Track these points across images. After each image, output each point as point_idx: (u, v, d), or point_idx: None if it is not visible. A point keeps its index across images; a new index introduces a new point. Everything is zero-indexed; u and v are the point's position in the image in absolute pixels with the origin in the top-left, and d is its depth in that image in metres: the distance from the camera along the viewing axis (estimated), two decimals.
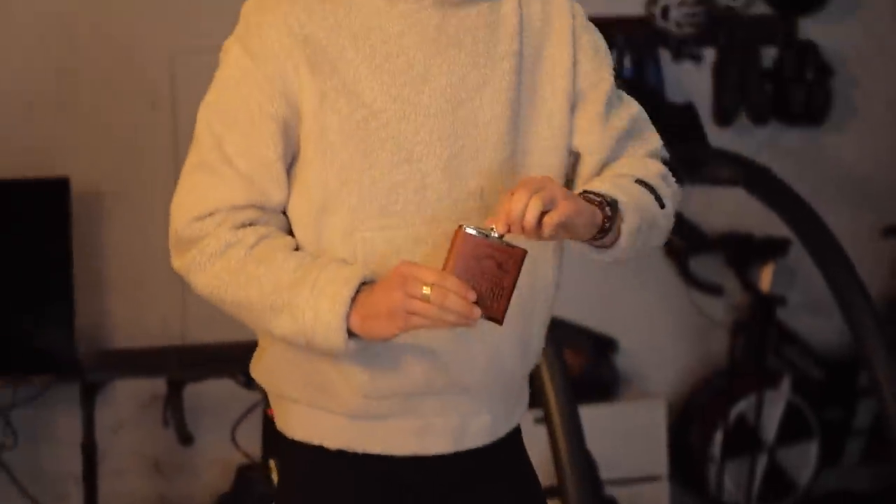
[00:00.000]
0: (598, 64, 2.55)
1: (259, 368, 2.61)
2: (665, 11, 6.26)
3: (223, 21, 2.72)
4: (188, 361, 5.40)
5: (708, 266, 6.44)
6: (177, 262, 2.45)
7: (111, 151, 5.77)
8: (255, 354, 2.62)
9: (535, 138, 2.47)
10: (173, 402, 5.22)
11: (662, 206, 2.50)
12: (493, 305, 2.25)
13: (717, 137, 6.19)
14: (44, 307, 5.35)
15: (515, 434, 2.67)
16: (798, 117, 6.46)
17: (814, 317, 6.57)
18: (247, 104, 2.35)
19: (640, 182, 2.49)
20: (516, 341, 2.51)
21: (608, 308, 6.35)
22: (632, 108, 2.62)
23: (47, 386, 5.45)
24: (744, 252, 6.39)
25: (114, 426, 5.76)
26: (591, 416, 4.82)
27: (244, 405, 5.27)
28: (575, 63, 2.50)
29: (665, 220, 2.53)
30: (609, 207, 2.36)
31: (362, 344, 2.33)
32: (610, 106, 2.55)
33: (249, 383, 4.94)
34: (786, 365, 6.42)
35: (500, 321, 2.28)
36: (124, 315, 5.80)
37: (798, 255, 5.85)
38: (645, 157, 2.60)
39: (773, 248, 6.31)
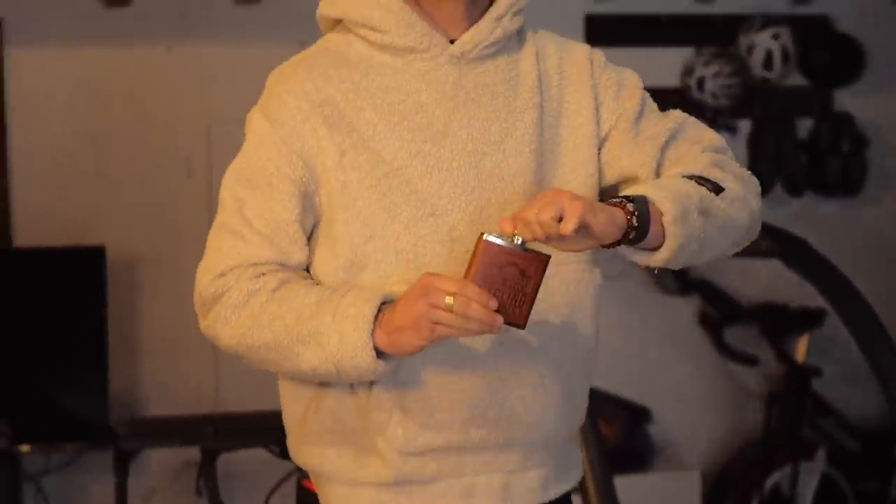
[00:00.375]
0: (624, 95, 2.55)
1: (295, 446, 2.59)
2: (701, 83, 6.29)
3: (260, 91, 2.74)
4: (222, 430, 5.38)
5: (743, 336, 6.42)
6: (203, 323, 2.46)
7: (147, 219, 5.81)
8: (289, 433, 2.61)
9: (563, 187, 2.45)
10: (206, 471, 5.20)
11: (719, 190, 2.42)
12: (516, 312, 2.24)
13: None
14: (78, 374, 5.36)
15: (566, 500, 2.64)
16: (834, 188, 6.46)
17: (849, 388, 6.53)
18: (265, 167, 2.38)
19: (686, 176, 2.43)
20: (558, 395, 2.50)
21: (643, 378, 6.33)
22: (676, 116, 2.59)
23: (79, 453, 5.46)
24: (779, 322, 6.37)
25: (146, 494, 5.75)
26: (626, 486, 4.79)
27: (278, 474, 5.25)
28: (598, 105, 2.51)
29: (730, 205, 2.42)
30: (632, 204, 2.30)
31: (392, 364, 2.32)
32: (642, 121, 2.54)
33: (283, 453, 4.92)
34: (821, 436, 6.37)
35: (522, 326, 2.27)
36: (158, 383, 5.81)
37: (834, 325, 5.82)
38: (698, 153, 2.54)
39: (808, 319, 6.29)
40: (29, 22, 5.79)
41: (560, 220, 2.19)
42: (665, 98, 6.16)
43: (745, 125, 6.46)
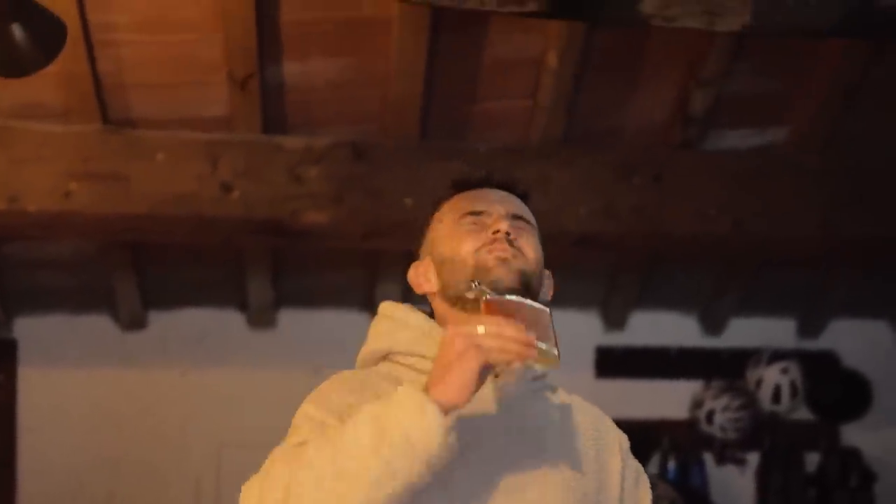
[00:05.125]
0: (642, 488, 2.63)
1: None
2: (710, 416, 6.32)
3: (270, 416, 2.78)
4: None
5: None
6: None
7: None
8: None
9: None
10: None
11: None
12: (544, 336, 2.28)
13: None
14: None
15: None
16: None
17: None
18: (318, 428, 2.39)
19: None
20: None
21: None
22: None
23: None
24: None
25: None
26: None
27: None
28: (623, 479, 2.58)
29: None
30: None
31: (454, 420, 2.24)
32: None
33: None
34: None
35: (555, 355, 2.28)
36: None
37: None
38: None
39: None
40: (44, 344, 5.89)
41: None
42: (675, 430, 6.30)
43: (753, 458, 6.46)
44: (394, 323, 2.52)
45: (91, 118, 4.81)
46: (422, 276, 2.51)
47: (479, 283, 2.36)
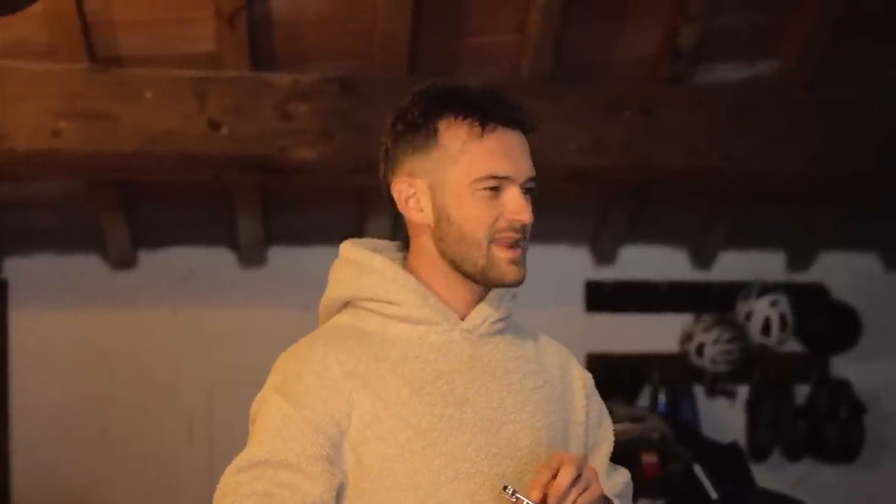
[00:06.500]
0: (604, 426, 2.65)
1: None
2: (700, 349, 6.35)
3: (262, 354, 2.79)
4: None
5: None
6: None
7: (148, 481, 5.80)
8: None
9: None
10: None
11: None
12: None
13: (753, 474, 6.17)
14: None
15: None
16: (832, 454, 6.46)
17: None
18: (291, 449, 2.39)
19: None
20: None
21: None
22: (627, 473, 2.71)
23: None
24: None
25: None
26: None
27: None
28: (587, 418, 2.60)
29: None
30: None
31: None
32: (609, 466, 2.65)
33: None
34: None
35: None
36: None
37: None
38: None
39: None
40: (34, 284, 5.89)
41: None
42: (665, 364, 6.33)
43: (743, 391, 6.50)
44: (357, 268, 2.48)
45: (78, 57, 4.79)
46: (412, 200, 2.42)
47: (513, 493, 2.29)
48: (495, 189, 2.38)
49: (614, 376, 6.19)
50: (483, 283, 2.43)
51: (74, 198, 5.61)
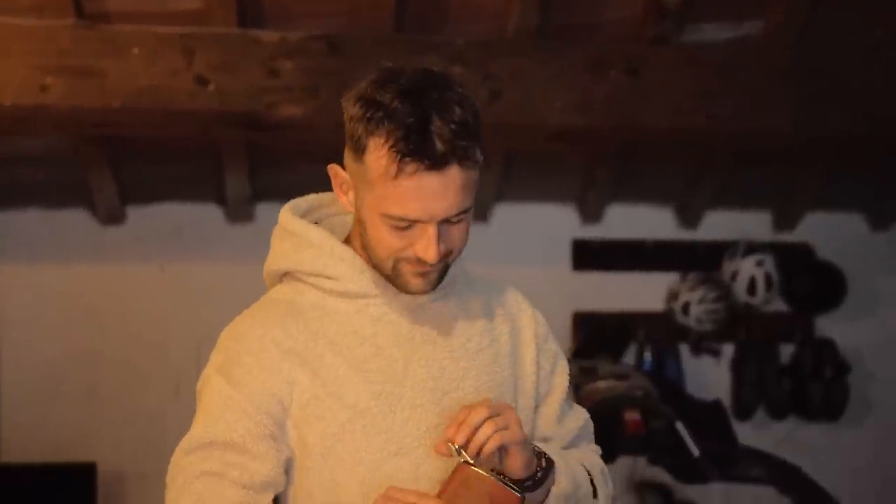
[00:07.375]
0: (558, 371, 2.65)
1: None
2: (686, 307, 6.38)
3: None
4: None
5: None
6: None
7: (136, 436, 5.83)
8: None
9: None
10: None
11: (595, 495, 2.55)
12: None
13: (737, 432, 6.20)
14: None
15: None
16: (816, 413, 6.50)
17: None
18: (234, 430, 2.39)
19: (584, 468, 2.56)
20: None
21: None
22: (583, 414, 2.71)
23: None
24: None
25: None
26: None
27: None
28: (539, 368, 2.60)
29: None
30: (546, 462, 2.41)
31: None
32: (565, 409, 2.64)
33: None
34: None
35: None
36: None
37: None
38: (594, 456, 2.67)
39: None
40: (22, 239, 5.90)
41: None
42: (651, 322, 6.36)
43: (728, 349, 6.54)
44: (295, 240, 2.50)
45: (65, 13, 4.78)
46: (342, 190, 2.41)
47: (460, 449, 2.28)
48: (407, 226, 2.30)
49: (600, 334, 6.23)
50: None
51: (62, 153, 5.61)
